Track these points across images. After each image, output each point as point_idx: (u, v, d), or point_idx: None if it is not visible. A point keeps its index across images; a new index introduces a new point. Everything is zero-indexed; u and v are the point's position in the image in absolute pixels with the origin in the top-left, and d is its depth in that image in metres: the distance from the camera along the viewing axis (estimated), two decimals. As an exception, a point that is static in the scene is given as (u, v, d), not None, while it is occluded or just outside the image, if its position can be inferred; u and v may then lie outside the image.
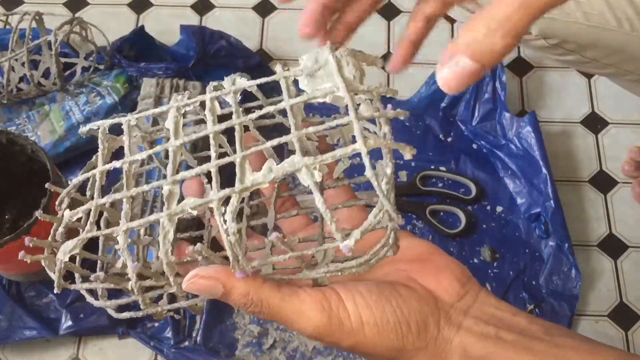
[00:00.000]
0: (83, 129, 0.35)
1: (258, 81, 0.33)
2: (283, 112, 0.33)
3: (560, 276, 0.89)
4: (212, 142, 0.31)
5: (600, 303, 0.91)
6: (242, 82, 0.33)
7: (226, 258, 0.32)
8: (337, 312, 0.32)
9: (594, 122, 1.03)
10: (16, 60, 0.89)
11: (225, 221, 0.29)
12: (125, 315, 0.35)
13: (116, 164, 0.32)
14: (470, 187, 0.96)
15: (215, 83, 0.34)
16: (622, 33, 0.65)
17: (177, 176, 0.31)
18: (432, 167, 0.98)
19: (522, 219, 0.94)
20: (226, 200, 0.30)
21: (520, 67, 1.08)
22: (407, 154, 0.30)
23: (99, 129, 0.35)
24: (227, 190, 0.30)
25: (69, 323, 0.85)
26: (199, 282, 0.32)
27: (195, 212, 0.31)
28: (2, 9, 1.13)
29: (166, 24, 1.11)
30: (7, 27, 0.99)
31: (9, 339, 0.84)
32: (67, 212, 0.33)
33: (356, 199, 0.39)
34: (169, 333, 0.85)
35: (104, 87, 0.95)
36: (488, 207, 0.96)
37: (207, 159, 0.31)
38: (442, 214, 0.95)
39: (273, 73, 0.33)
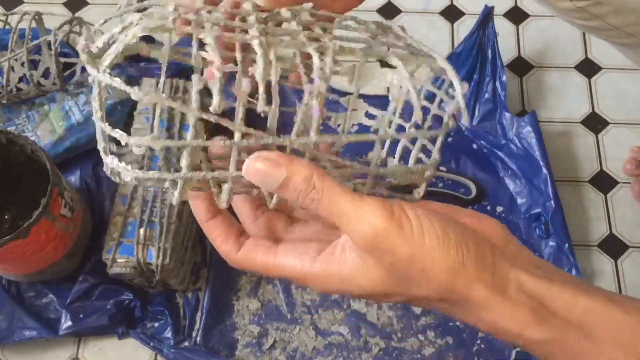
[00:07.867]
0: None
1: None
2: None
3: (560, 276, 0.89)
4: None
5: (600, 303, 0.90)
6: None
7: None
8: (399, 216, 0.30)
9: (594, 122, 1.03)
10: (16, 60, 0.89)
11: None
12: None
13: None
14: (470, 187, 0.96)
15: None
16: None
17: None
18: (432, 167, 0.98)
19: (522, 219, 0.94)
20: None
21: (520, 67, 1.08)
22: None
23: None
24: None
25: (69, 323, 0.85)
26: (261, 167, 0.30)
27: None
28: (1, 9, 1.13)
29: (166, 24, 1.11)
30: (7, 27, 0.99)
31: (8, 339, 0.84)
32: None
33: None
34: (168, 333, 0.85)
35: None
36: (488, 207, 0.95)
37: None
38: (442, 214, 0.95)
39: None
